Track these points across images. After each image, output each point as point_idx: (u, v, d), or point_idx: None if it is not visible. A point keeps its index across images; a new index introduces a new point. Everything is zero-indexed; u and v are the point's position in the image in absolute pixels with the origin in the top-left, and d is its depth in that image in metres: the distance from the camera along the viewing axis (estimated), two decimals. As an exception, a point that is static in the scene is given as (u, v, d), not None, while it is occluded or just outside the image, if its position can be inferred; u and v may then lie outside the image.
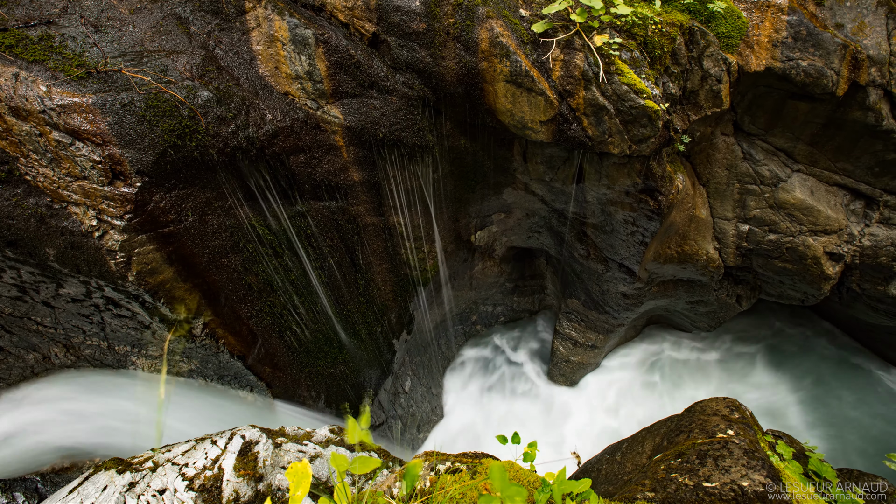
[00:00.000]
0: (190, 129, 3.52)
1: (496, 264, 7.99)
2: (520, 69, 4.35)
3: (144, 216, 3.38)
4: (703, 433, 2.48)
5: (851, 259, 5.86)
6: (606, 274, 6.75)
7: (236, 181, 4.02)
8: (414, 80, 4.75)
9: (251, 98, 4.12)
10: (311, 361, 4.97)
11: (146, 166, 3.31)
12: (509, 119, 4.77)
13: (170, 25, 3.97)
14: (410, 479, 1.21)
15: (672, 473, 2.06)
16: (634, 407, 7.75)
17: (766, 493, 1.83)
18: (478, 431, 7.57)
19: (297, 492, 1.07)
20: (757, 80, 4.90)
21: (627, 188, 5.23)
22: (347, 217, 5.11)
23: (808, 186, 5.70)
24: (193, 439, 1.86)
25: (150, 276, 3.48)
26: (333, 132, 4.71)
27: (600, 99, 4.34)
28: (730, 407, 2.76)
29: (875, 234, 5.68)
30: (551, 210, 6.69)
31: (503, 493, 1.07)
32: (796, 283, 6.41)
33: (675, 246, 6.22)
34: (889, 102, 4.76)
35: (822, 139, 5.34)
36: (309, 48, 4.38)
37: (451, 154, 5.54)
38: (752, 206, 5.96)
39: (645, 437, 2.96)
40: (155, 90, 3.39)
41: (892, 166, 5.22)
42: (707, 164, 5.90)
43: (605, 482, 2.75)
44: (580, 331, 7.87)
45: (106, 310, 3.70)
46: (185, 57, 3.81)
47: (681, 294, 7.28)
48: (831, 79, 4.55)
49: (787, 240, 5.95)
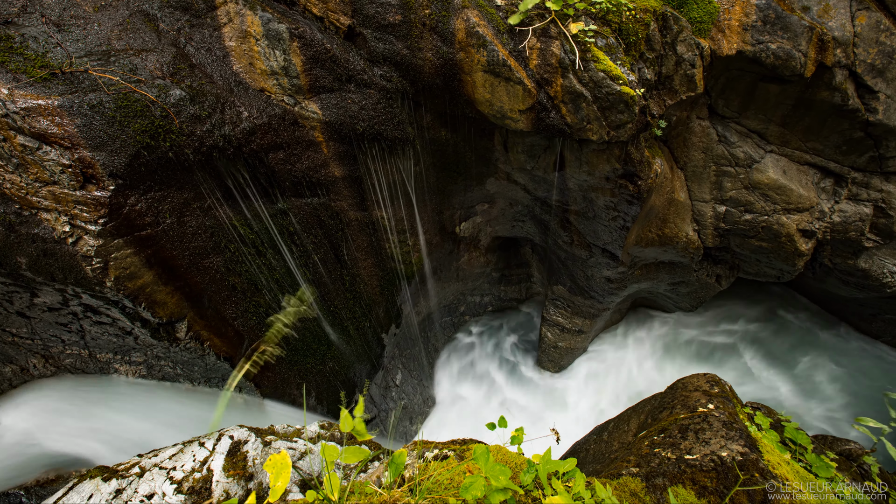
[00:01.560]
0: (163, 128, 3.44)
1: (482, 255, 8.04)
2: (497, 59, 4.35)
3: (120, 220, 3.30)
4: (685, 408, 2.56)
5: (823, 235, 6.06)
6: (590, 259, 6.86)
7: (214, 181, 3.95)
8: (392, 72, 4.71)
9: (226, 95, 4.04)
10: (300, 359, 4.95)
11: (119, 169, 3.23)
12: (488, 109, 4.78)
13: (137, 23, 3.85)
14: (395, 467, 1.23)
15: (655, 448, 2.13)
16: (622, 388, 7.94)
17: (743, 461, 1.91)
18: (470, 420, 7.67)
19: (277, 483, 1.09)
20: (729, 63, 4.99)
21: (607, 174, 5.30)
22: (330, 213, 5.07)
23: (780, 166, 5.87)
24: (181, 442, 1.85)
25: (129, 280, 3.41)
26: (312, 128, 4.65)
27: (577, 86, 4.38)
28: (710, 382, 2.86)
29: (844, 211, 5.88)
30: (534, 198, 6.75)
31: (488, 473, 1.11)
32: (772, 261, 6.61)
33: (656, 229, 6.35)
34: (854, 82, 4.90)
35: (792, 120, 5.48)
36: (283, 43, 4.30)
37: (432, 146, 5.53)
38: (729, 188, 6.11)
39: (630, 416, 3.05)
40: (124, 90, 3.30)
41: (858, 144, 5.40)
42: (684, 147, 6.01)
43: (592, 461, 2.83)
44: (567, 316, 8.00)
45: (85, 317, 3.62)
46: (154, 55, 3.71)
47: (663, 276, 7.44)
48: (799, 60, 4.66)
49: (763, 219, 6.12)
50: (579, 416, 7.65)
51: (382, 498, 1.24)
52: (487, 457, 1.14)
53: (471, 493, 1.09)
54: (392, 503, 1.21)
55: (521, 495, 1.42)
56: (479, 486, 1.11)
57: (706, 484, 1.83)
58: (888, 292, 6.48)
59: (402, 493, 1.27)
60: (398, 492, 1.27)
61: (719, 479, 1.84)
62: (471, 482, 1.12)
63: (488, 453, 1.14)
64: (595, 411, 7.73)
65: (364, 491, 1.30)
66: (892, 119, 5.01)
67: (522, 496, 1.42)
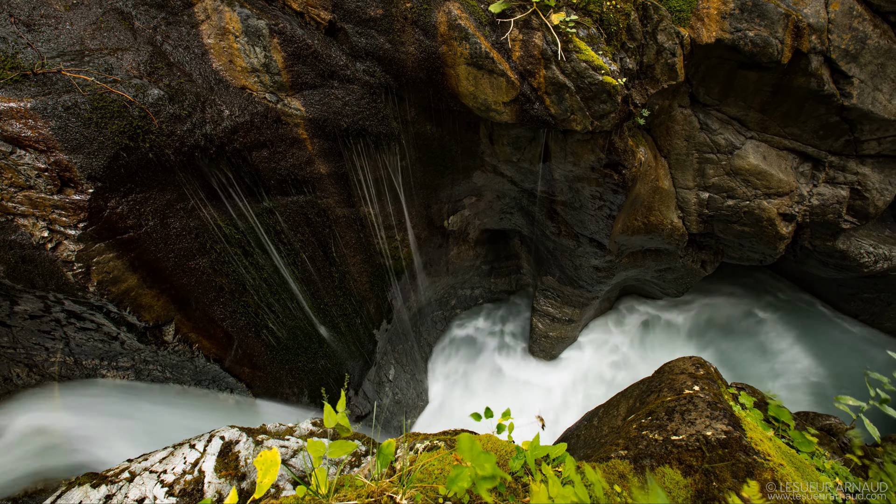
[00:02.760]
0: (142, 129, 3.38)
1: (471, 248, 8.07)
2: (480, 51, 4.34)
3: (101, 223, 3.24)
4: (671, 391, 2.62)
5: (802, 218, 6.21)
6: (578, 249, 6.93)
7: (197, 181, 3.89)
8: (374, 67, 4.67)
9: (206, 94, 3.97)
10: (291, 358, 4.93)
11: (97, 171, 3.16)
12: (473, 102, 4.78)
13: (111, 21, 3.76)
14: (383, 458, 1.25)
15: (643, 431, 2.19)
16: (613, 374, 8.07)
17: (727, 439, 1.97)
18: (464, 411, 7.73)
19: (264, 479, 1.09)
20: (709, 51, 5.05)
21: (592, 164, 5.35)
22: (317, 210, 5.04)
23: (760, 152, 5.98)
24: (171, 445, 1.83)
25: (113, 284, 3.35)
26: (296, 125, 4.60)
27: (560, 77, 4.39)
28: (695, 364, 2.92)
29: (822, 194, 6.02)
30: (521, 190, 6.78)
31: (473, 461, 1.12)
32: (754, 245, 6.75)
33: (642, 217, 6.43)
34: (829, 68, 5.01)
35: (771, 106, 5.58)
36: (263, 39, 4.24)
37: (417, 141, 5.51)
38: (711, 174, 6.20)
39: (619, 401, 3.11)
40: (100, 90, 3.22)
41: (834, 128, 5.52)
42: (667, 136, 6.09)
43: (584, 447, 2.89)
44: (557, 306, 8.08)
45: (68, 324, 3.55)
46: (130, 54, 3.63)
47: (649, 263, 7.55)
48: (776, 47, 4.74)
49: (744, 204, 6.24)
50: (570, 404, 7.76)
51: (370, 489, 1.25)
52: (472, 445, 1.16)
53: (458, 485, 1.11)
54: (379, 493, 1.22)
55: (510, 481, 1.45)
56: (465, 477, 1.13)
57: (692, 463, 1.88)
58: (865, 272, 6.67)
59: (389, 483, 1.29)
60: (386, 482, 1.29)
61: (704, 458, 1.90)
62: (457, 473, 1.14)
63: (473, 442, 1.17)
64: (586, 398, 7.86)
65: (354, 484, 1.31)
66: (866, 103, 5.13)
67: (511, 482, 1.44)
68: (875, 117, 5.23)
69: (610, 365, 8.29)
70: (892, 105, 5.19)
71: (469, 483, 1.13)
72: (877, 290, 7.43)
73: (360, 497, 1.21)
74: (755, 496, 1.39)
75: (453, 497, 1.30)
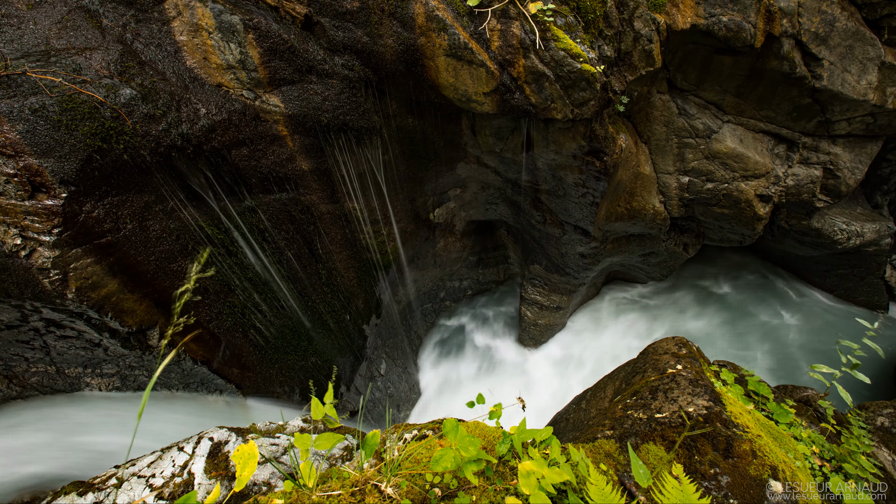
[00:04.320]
0: (115, 130, 3.30)
1: (458, 240, 8.09)
2: (458, 42, 4.32)
3: (76, 228, 3.17)
4: (655, 371, 2.70)
5: (779, 199, 6.37)
6: (563, 237, 7.00)
7: (176, 182, 3.82)
8: (353, 61, 4.62)
9: (181, 92, 3.88)
10: (281, 357, 4.91)
11: (70, 175, 3.08)
12: (453, 93, 4.77)
13: (78, 20, 3.64)
14: (368, 448, 1.27)
15: (628, 411, 2.25)
16: (601, 358, 8.23)
17: (708, 414, 2.04)
18: (456, 402, 7.81)
19: (243, 472, 1.10)
20: (685, 37, 5.12)
21: (574, 152, 5.39)
22: (301, 207, 4.99)
23: (737, 135, 6.10)
24: (159, 449, 1.82)
25: (92, 290, 3.29)
26: (275, 122, 4.54)
27: (539, 66, 4.41)
28: (678, 344, 3.00)
29: (797, 174, 6.19)
30: (505, 180, 6.81)
31: (458, 445, 1.15)
32: (734, 226, 6.91)
33: (625, 203, 6.52)
34: (800, 51, 5.12)
35: (746, 90, 5.69)
36: (238, 35, 4.15)
37: (399, 134, 5.49)
38: (690, 159, 6.31)
39: (606, 383, 3.18)
40: (69, 92, 3.13)
41: (807, 110, 5.66)
42: (647, 122, 6.17)
43: (572, 429, 2.96)
44: (545, 294, 8.17)
45: (48, 332, 3.47)
46: (99, 53, 3.52)
47: (633, 248, 7.68)
48: (749, 32, 4.82)
49: (723, 187, 6.38)
50: (560, 389, 7.90)
51: (354, 478, 1.27)
52: (457, 429, 1.19)
53: (441, 466, 1.14)
54: (363, 482, 1.24)
55: (496, 464, 1.48)
56: (449, 459, 1.16)
57: (674, 438, 1.95)
58: (839, 249, 6.89)
59: (374, 472, 1.31)
60: (371, 471, 1.31)
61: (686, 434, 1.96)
62: (441, 455, 1.16)
63: (457, 426, 1.19)
64: (575, 382, 8.00)
65: (341, 476, 1.33)
66: (836, 84, 5.26)
67: (497, 465, 1.48)
68: (845, 98, 5.37)
69: (597, 349, 8.45)
70: (861, 86, 5.34)
71: (453, 465, 1.15)
72: (850, 266, 7.69)
73: (345, 487, 1.23)
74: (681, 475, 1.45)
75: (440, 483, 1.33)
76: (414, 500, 1.25)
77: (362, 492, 1.21)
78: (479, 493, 1.31)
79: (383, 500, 1.19)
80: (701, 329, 8.47)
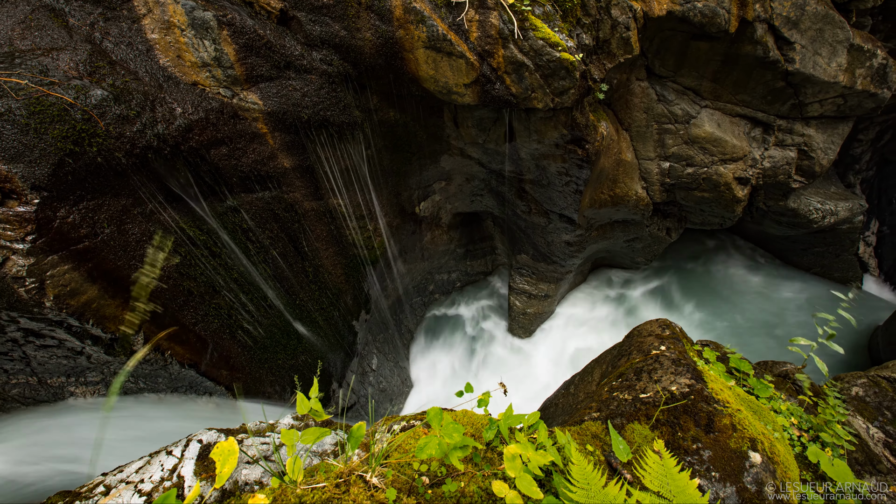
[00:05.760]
0: (87, 133, 3.21)
1: (445, 232, 8.10)
2: (437, 34, 4.30)
3: (51, 235, 3.09)
4: (640, 353, 2.76)
5: (756, 181, 6.51)
6: (549, 226, 7.06)
7: (154, 184, 3.74)
8: (332, 55, 4.57)
9: (155, 92, 3.80)
10: (270, 357, 4.88)
11: (42, 180, 3.00)
12: (434, 86, 4.75)
13: (42, 19, 3.52)
14: (354, 440, 1.29)
15: (614, 393, 2.30)
16: (590, 344, 8.36)
17: (690, 392, 2.10)
18: (447, 392, 7.87)
19: (222, 470, 1.11)
20: (661, 24, 5.16)
21: (556, 140, 5.43)
22: (284, 206, 4.94)
23: (715, 120, 6.20)
24: (147, 455, 1.81)
25: (71, 298, 3.22)
26: (255, 119, 4.47)
27: (519, 56, 4.41)
28: (662, 326, 3.08)
29: (773, 156, 6.33)
30: (489, 171, 6.83)
31: (442, 432, 1.18)
32: (714, 209, 7.05)
33: (608, 190, 6.60)
34: (773, 35, 5.21)
35: (722, 75, 5.78)
36: (212, 32, 4.06)
37: (381, 128, 5.45)
38: (670, 144, 6.41)
39: (594, 367, 3.25)
40: (36, 94, 3.04)
41: (781, 93, 5.78)
42: (627, 109, 6.23)
43: (561, 414, 3.02)
44: (532, 283, 8.25)
45: (27, 343, 3.39)
46: (67, 54, 3.42)
47: (618, 234, 7.79)
48: (723, 17, 4.89)
49: (703, 171, 6.49)
50: (550, 376, 8.01)
51: (339, 470, 1.29)
52: (440, 417, 1.21)
53: (426, 453, 1.16)
54: (348, 474, 1.26)
55: (484, 450, 1.51)
56: (433, 446, 1.18)
57: (658, 417, 2.01)
58: (815, 227, 7.09)
59: (360, 463, 1.33)
60: (356, 462, 1.32)
61: (670, 411, 2.03)
62: (425, 442, 1.19)
63: (441, 414, 1.22)
64: (566, 367, 8.13)
65: (328, 469, 1.34)
66: (807, 67, 5.38)
67: (486, 451, 1.51)
68: (816, 80, 5.50)
69: (587, 335, 8.58)
70: (831, 68, 5.46)
71: (438, 452, 1.18)
72: (826, 244, 7.93)
73: (329, 479, 1.25)
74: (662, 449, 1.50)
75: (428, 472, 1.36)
76: (400, 489, 1.27)
77: (347, 483, 1.23)
78: (468, 478, 1.34)
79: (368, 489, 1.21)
80: (683, 308, 8.66)
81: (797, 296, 8.41)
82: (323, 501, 1.16)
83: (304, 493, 1.17)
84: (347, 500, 1.17)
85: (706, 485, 1.78)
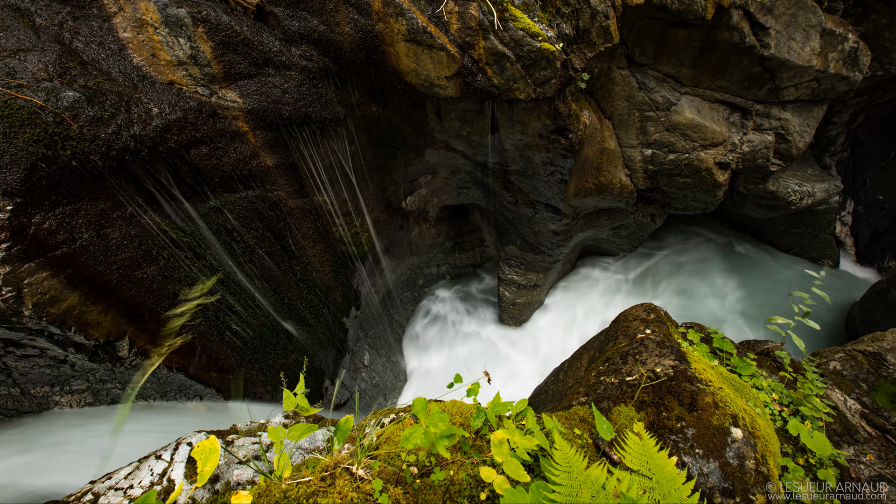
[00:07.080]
0: (60, 136, 3.13)
1: (432, 226, 8.10)
2: (417, 26, 4.27)
3: (27, 242, 3.02)
4: (626, 337, 2.81)
5: (736, 165, 6.63)
6: (536, 216, 7.11)
7: (132, 186, 3.67)
8: (311, 51, 4.51)
9: (130, 92, 3.71)
10: (261, 357, 4.86)
11: (14, 186, 2.92)
12: (416, 79, 4.72)
13: (7, 20, 3.40)
14: (341, 434, 1.30)
15: (601, 377, 2.35)
16: (580, 330, 8.47)
17: (674, 373, 2.16)
18: (440, 385, 7.93)
19: (204, 468, 1.11)
20: (640, 12, 5.20)
21: (539, 131, 5.45)
22: (269, 204, 4.89)
23: (695, 106, 6.28)
24: (136, 460, 1.80)
25: (51, 305, 3.16)
26: (235, 118, 4.40)
27: (500, 47, 4.41)
28: (647, 310, 3.14)
29: (752, 141, 6.44)
30: (474, 164, 6.83)
31: (428, 422, 1.19)
32: (696, 195, 7.17)
33: (592, 179, 6.66)
34: (749, 21, 5.28)
35: (701, 61, 5.85)
36: (187, 29, 3.97)
37: (364, 123, 5.41)
38: (652, 132, 6.48)
39: (582, 353, 3.30)
40: (4, 97, 2.95)
41: (757, 78, 5.88)
42: (609, 98, 6.27)
43: (551, 400, 3.07)
44: (521, 273, 8.32)
45: (7, 353, 3.32)
46: (35, 55, 3.32)
47: (604, 222, 7.88)
48: (700, 4, 4.94)
49: (684, 157, 6.59)
50: (541, 364, 8.11)
51: (325, 463, 1.30)
52: (426, 407, 1.23)
53: (412, 443, 1.18)
54: (334, 466, 1.27)
55: (473, 438, 1.54)
56: (418, 435, 1.20)
57: (643, 398, 2.06)
58: (793, 209, 7.26)
59: (346, 456, 1.34)
60: (342, 455, 1.34)
61: (654, 392, 2.08)
62: (411, 432, 1.20)
63: (426, 404, 1.23)
64: (555, 356, 8.23)
65: (315, 463, 1.35)
66: (782, 52, 5.47)
67: (475, 440, 1.54)
68: (791, 65, 5.60)
69: (576, 322, 8.69)
70: (805, 52, 5.57)
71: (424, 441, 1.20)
72: (804, 225, 8.12)
73: (315, 473, 1.26)
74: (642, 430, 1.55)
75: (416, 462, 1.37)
76: (388, 479, 1.29)
77: (332, 476, 1.24)
78: (457, 467, 1.36)
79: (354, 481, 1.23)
80: (668, 292, 8.82)
81: (777, 276, 8.62)
82: (308, 495, 1.17)
83: (289, 488, 1.18)
84: (333, 492, 1.18)
85: (690, 461, 1.84)
